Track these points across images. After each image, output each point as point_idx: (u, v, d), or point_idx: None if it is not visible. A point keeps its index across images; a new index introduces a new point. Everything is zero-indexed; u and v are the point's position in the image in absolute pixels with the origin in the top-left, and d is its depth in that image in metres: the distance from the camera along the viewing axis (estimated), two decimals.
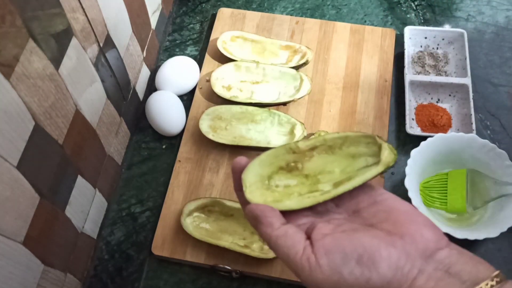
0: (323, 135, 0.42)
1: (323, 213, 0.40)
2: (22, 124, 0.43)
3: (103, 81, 0.60)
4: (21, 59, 0.41)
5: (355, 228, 0.36)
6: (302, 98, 0.72)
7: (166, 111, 0.71)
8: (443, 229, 0.57)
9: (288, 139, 0.69)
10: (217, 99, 0.73)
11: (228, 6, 0.84)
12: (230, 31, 0.78)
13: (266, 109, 0.71)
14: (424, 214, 0.38)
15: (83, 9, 0.52)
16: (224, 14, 0.82)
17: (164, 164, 0.71)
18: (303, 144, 0.42)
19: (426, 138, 0.64)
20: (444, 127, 0.71)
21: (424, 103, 0.74)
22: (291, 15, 0.83)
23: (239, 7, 0.85)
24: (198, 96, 0.75)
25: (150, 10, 0.73)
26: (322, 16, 0.83)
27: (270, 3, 0.85)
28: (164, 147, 0.73)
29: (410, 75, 0.74)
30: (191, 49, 0.81)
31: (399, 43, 0.78)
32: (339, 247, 0.34)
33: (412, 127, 0.71)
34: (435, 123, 0.71)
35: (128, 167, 0.72)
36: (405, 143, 0.71)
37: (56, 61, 0.48)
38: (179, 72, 0.74)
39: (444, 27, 0.81)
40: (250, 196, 0.40)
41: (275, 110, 0.71)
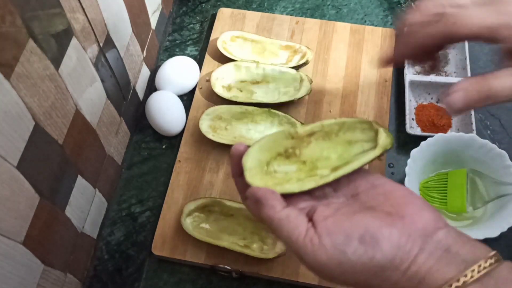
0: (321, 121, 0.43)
1: (322, 197, 0.40)
2: (22, 124, 0.43)
3: (103, 81, 0.60)
4: (21, 59, 0.41)
5: (355, 210, 0.37)
6: (302, 98, 0.72)
7: (166, 111, 0.71)
8: None
9: None
10: (217, 99, 0.73)
11: (228, 6, 0.84)
12: (230, 31, 0.78)
13: (266, 109, 0.71)
14: (421, 197, 0.38)
15: (83, 9, 0.52)
16: (224, 14, 0.82)
17: (164, 164, 0.71)
18: (302, 129, 0.43)
19: (426, 138, 0.64)
20: (444, 127, 0.71)
21: (424, 103, 0.74)
22: (291, 15, 0.83)
23: (239, 7, 0.84)
24: (198, 96, 0.75)
25: (150, 10, 0.73)
26: (322, 16, 0.83)
27: (270, 3, 0.85)
28: (164, 147, 0.73)
29: (410, 75, 0.74)
30: (191, 49, 0.81)
31: None
32: (342, 227, 0.35)
33: (412, 127, 0.71)
34: (435, 123, 0.71)
35: (128, 167, 0.72)
36: (405, 143, 0.71)
37: (56, 61, 0.48)
38: (179, 72, 0.74)
39: None
40: (250, 180, 0.40)
41: (275, 110, 0.71)
